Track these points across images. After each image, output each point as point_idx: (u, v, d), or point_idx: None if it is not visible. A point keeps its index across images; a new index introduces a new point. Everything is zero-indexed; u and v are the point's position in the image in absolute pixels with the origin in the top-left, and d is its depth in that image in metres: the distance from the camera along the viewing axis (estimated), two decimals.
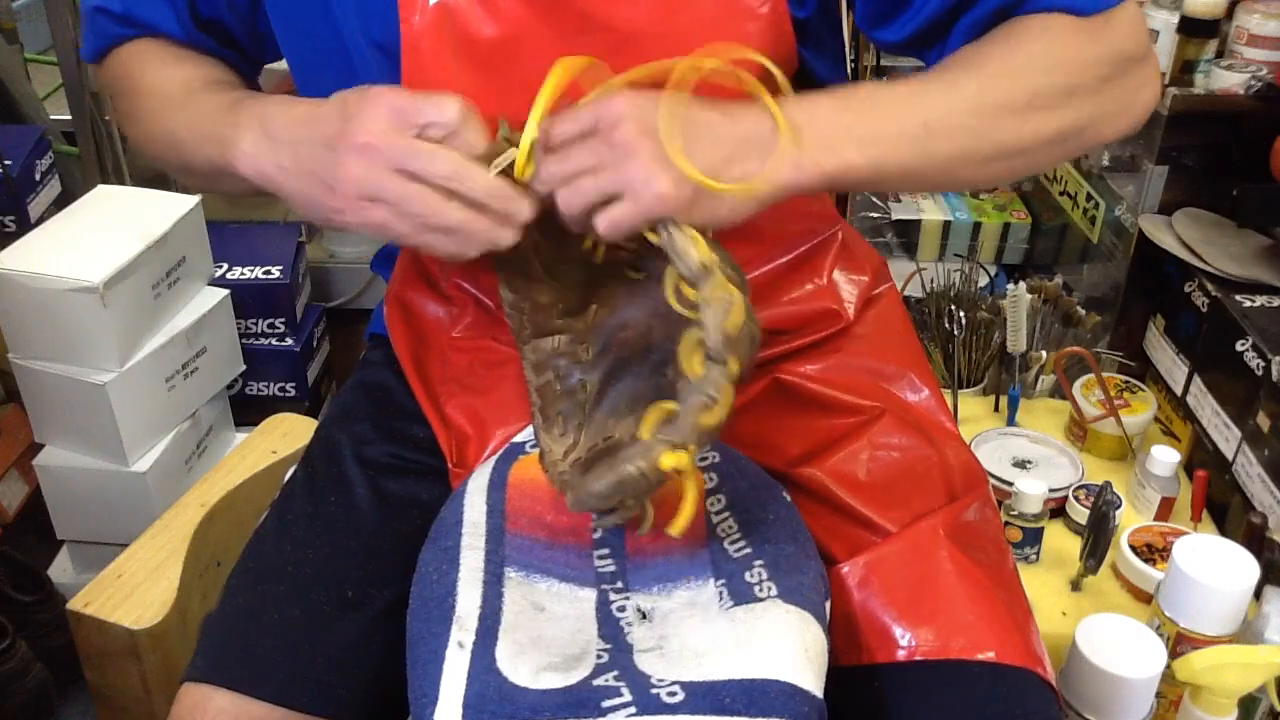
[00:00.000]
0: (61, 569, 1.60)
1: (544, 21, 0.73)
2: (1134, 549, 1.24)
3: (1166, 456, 1.31)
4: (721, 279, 0.62)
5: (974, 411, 1.55)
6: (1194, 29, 1.47)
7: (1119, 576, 1.26)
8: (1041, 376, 1.56)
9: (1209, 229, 1.49)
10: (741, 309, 0.62)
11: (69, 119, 1.94)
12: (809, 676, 0.64)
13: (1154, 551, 1.24)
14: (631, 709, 0.62)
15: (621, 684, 0.63)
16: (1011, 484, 1.27)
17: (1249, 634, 1.07)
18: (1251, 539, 1.20)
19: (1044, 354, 1.54)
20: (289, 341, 1.84)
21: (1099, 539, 1.21)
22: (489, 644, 0.65)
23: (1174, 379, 1.50)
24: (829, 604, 0.72)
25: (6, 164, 1.67)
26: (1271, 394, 1.25)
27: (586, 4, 0.72)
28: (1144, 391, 1.49)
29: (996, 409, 1.55)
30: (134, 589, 1.16)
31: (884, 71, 1.91)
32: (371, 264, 1.03)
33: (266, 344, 1.83)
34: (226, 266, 1.79)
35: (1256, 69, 1.47)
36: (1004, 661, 0.71)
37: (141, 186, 1.72)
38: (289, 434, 1.38)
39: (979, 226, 1.95)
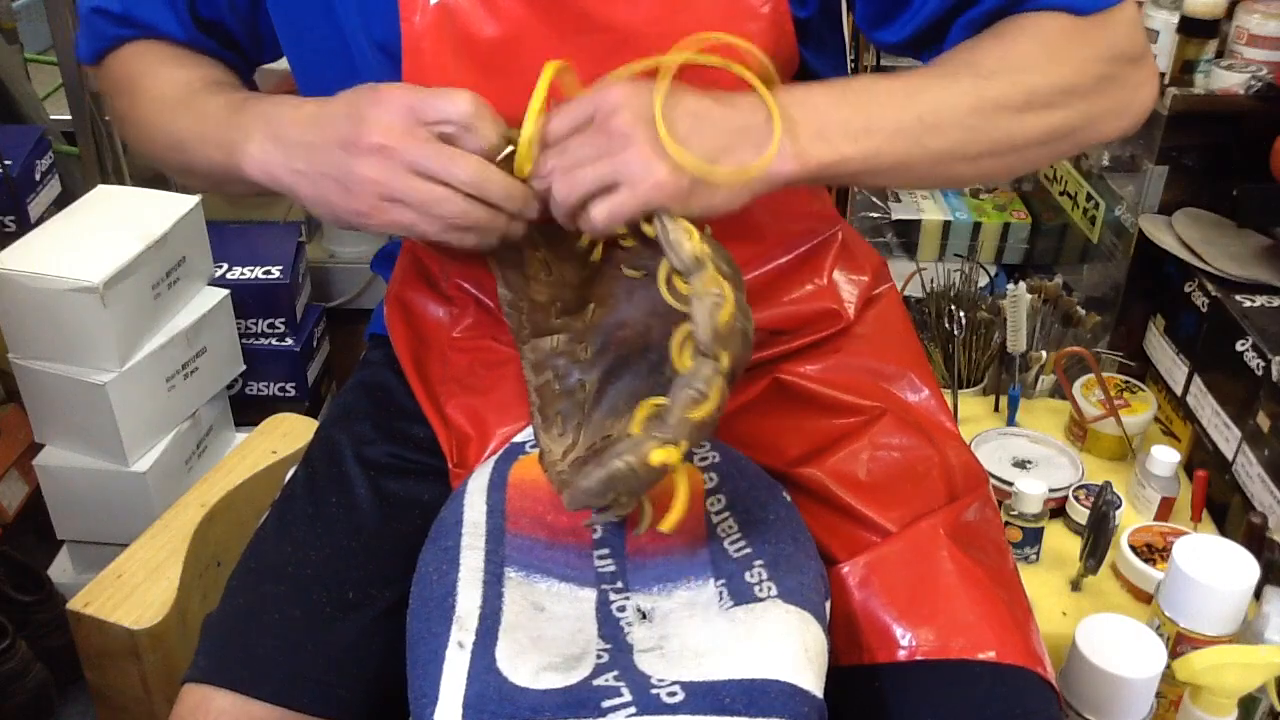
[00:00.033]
0: (61, 569, 1.60)
1: (544, 21, 0.73)
2: (1134, 549, 1.24)
3: (1166, 456, 1.31)
4: (713, 273, 0.62)
5: (974, 411, 1.54)
6: (1194, 29, 1.47)
7: (1119, 576, 1.26)
8: (1041, 376, 1.56)
9: (1209, 229, 1.49)
10: (733, 304, 0.61)
11: (69, 119, 1.94)
12: (809, 676, 0.64)
13: (1154, 551, 1.24)
14: (631, 709, 0.62)
15: (621, 684, 0.63)
16: (1011, 484, 1.27)
17: (1249, 634, 1.07)
18: (1251, 539, 1.20)
19: (1044, 354, 1.54)
20: (289, 341, 1.84)
21: (1099, 539, 1.21)
22: (489, 644, 0.65)
23: (1174, 379, 1.50)
24: (829, 604, 0.72)
25: (6, 164, 1.67)
26: (1271, 394, 1.25)
27: (587, 4, 0.72)
28: (1144, 391, 1.49)
29: (996, 409, 1.55)
30: (134, 589, 1.16)
31: (884, 71, 1.91)
32: (371, 264, 1.03)
33: (266, 344, 1.83)
34: (226, 266, 1.79)
35: (1256, 69, 1.47)
36: (1004, 661, 0.71)
37: (141, 186, 1.72)
38: (289, 434, 1.38)
39: (979, 226, 1.95)
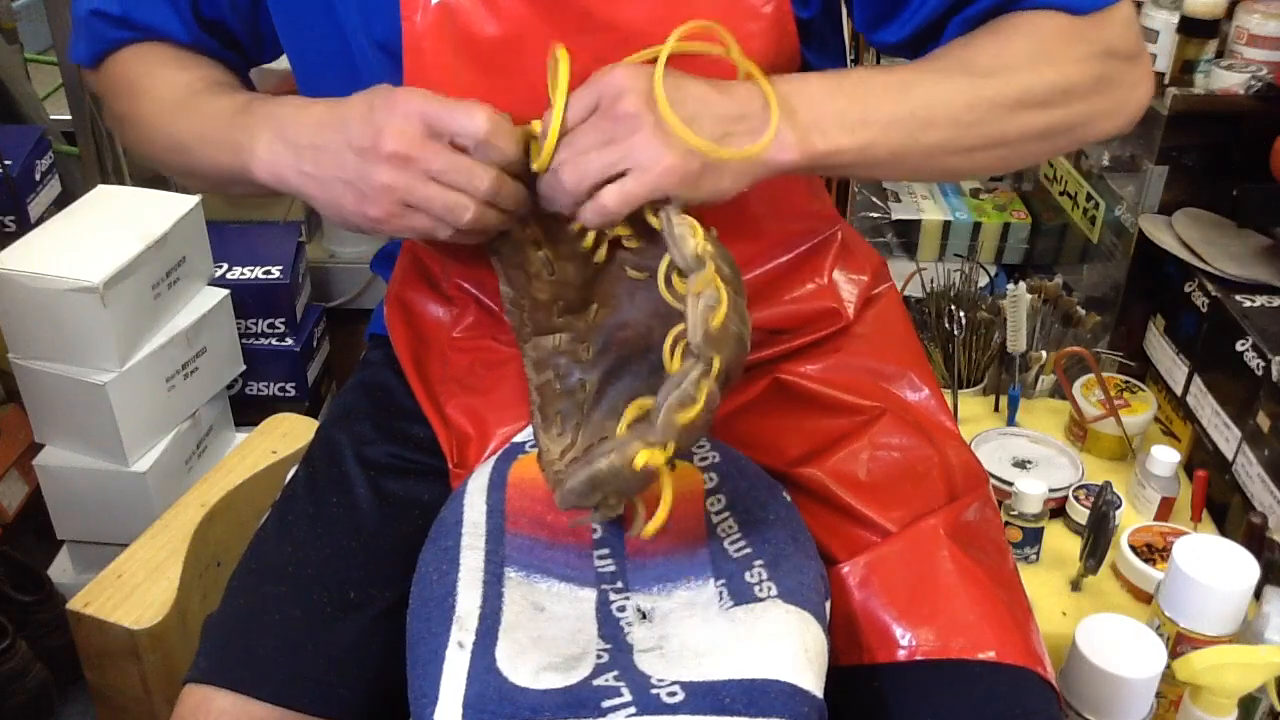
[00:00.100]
0: (61, 569, 1.60)
1: (546, 21, 0.73)
2: (1134, 549, 1.24)
3: (1166, 456, 1.31)
4: (712, 274, 0.61)
5: (974, 411, 1.54)
6: (1194, 29, 1.47)
7: (1119, 576, 1.26)
8: (1041, 376, 1.56)
9: (1209, 229, 1.49)
10: (727, 306, 0.61)
11: (69, 119, 1.94)
12: (809, 676, 0.64)
13: (1154, 551, 1.24)
14: (631, 709, 0.62)
15: (621, 684, 0.63)
16: (1011, 484, 1.26)
17: (1249, 634, 1.07)
18: (1251, 539, 1.19)
19: (1044, 354, 1.54)
20: (289, 341, 1.84)
21: (1099, 539, 1.21)
22: (489, 644, 0.65)
23: (1174, 379, 1.50)
24: (829, 604, 0.72)
25: (6, 164, 1.67)
26: (1271, 394, 1.25)
27: (589, 3, 0.72)
28: (1144, 391, 1.49)
29: (996, 409, 1.55)
30: (134, 589, 1.16)
31: None
32: (371, 264, 1.03)
33: (266, 344, 1.83)
34: (226, 266, 1.79)
35: (1256, 69, 1.47)
36: (1004, 661, 0.71)
37: (141, 186, 1.72)
38: (289, 434, 1.38)
39: (979, 226, 1.95)
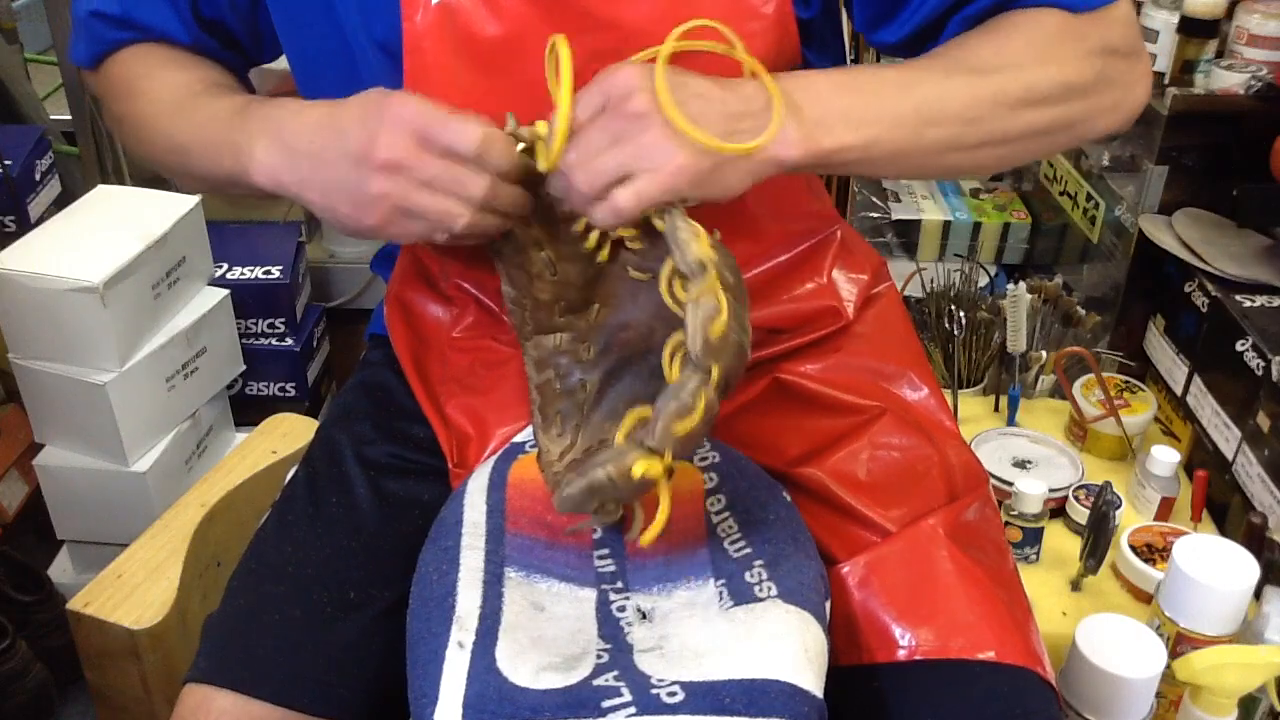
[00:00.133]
0: (61, 569, 1.60)
1: (546, 20, 0.73)
2: (1134, 549, 1.24)
3: (1166, 456, 1.31)
4: (714, 281, 0.61)
5: (974, 411, 1.54)
6: (1194, 29, 1.47)
7: (1119, 576, 1.26)
8: (1041, 376, 1.56)
9: (1209, 229, 1.49)
10: (728, 315, 0.60)
11: (69, 119, 1.94)
12: (809, 676, 0.64)
13: (1154, 551, 1.24)
14: (631, 709, 0.62)
15: (621, 684, 0.63)
16: (1011, 484, 1.26)
17: (1249, 634, 1.07)
18: (1251, 539, 1.19)
19: (1044, 354, 1.54)
20: (289, 341, 1.84)
21: (1099, 539, 1.21)
22: (489, 644, 0.65)
23: (1174, 379, 1.50)
24: (829, 604, 0.72)
25: (6, 164, 1.67)
26: (1271, 394, 1.25)
27: (589, 2, 0.72)
28: (1144, 391, 1.49)
29: (996, 409, 1.54)
30: (134, 589, 1.16)
31: None
32: (371, 264, 1.03)
33: (266, 344, 1.83)
34: (226, 266, 1.79)
35: (1256, 69, 1.47)
36: (1004, 661, 0.71)
37: (141, 186, 1.72)
38: (289, 434, 1.38)
39: (979, 226, 1.95)
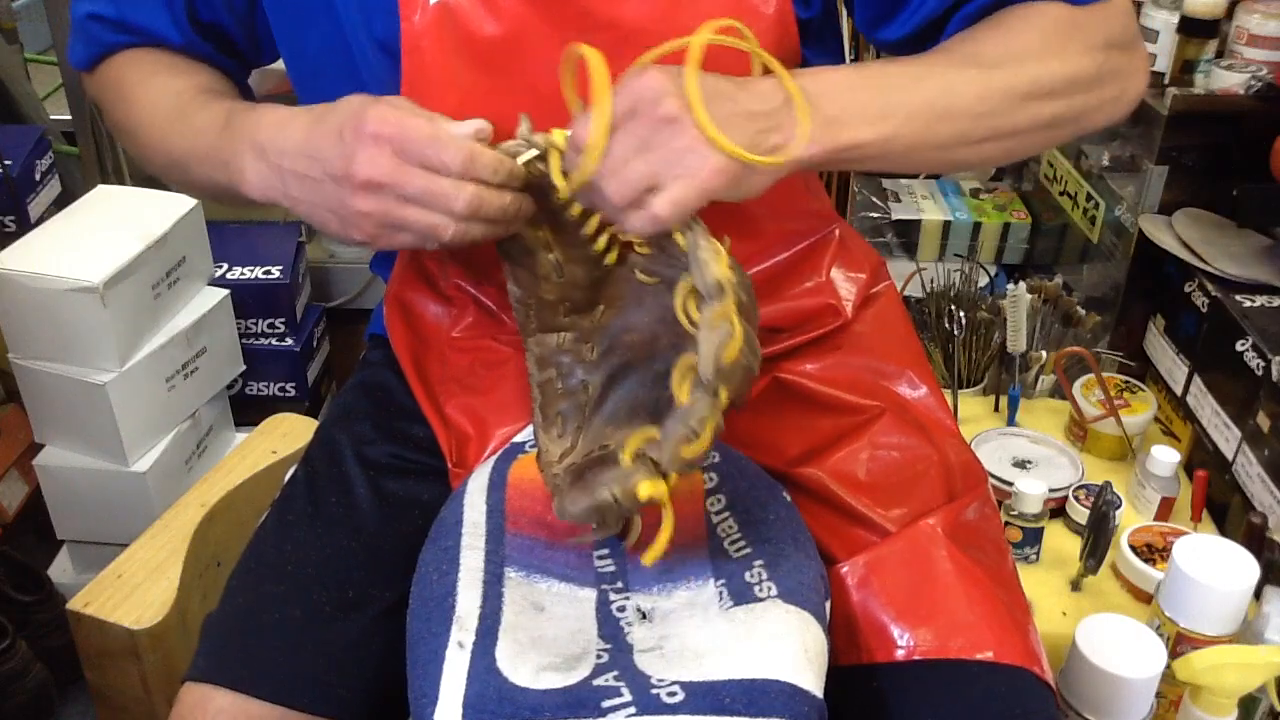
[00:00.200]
0: (61, 569, 1.60)
1: (546, 20, 0.73)
2: (1134, 549, 1.24)
3: (1166, 456, 1.31)
4: (730, 305, 0.61)
5: (974, 411, 1.54)
6: (1194, 29, 1.47)
7: (1119, 576, 1.25)
8: (1041, 376, 1.56)
9: (1209, 229, 1.49)
10: (741, 340, 0.60)
11: (69, 119, 1.95)
12: (809, 676, 0.64)
13: (1154, 551, 1.24)
14: (631, 709, 0.62)
15: (621, 684, 0.63)
16: (1011, 484, 1.26)
17: (1249, 634, 1.07)
18: (1251, 539, 1.19)
19: (1044, 354, 1.54)
20: (289, 341, 1.84)
21: (1099, 539, 1.21)
22: (489, 644, 0.65)
23: (1174, 379, 1.50)
24: (829, 604, 0.72)
25: (6, 164, 1.67)
26: (1271, 394, 1.25)
27: (589, 2, 0.72)
28: (1144, 391, 1.49)
29: (996, 409, 1.54)
30: (134, 589, 1.16)
31: None
32: (371, 264, 1.03)
33: (266, 344, 1.83)
34: (226, 266, 1.79)
35: (1256, 69, 1.47)
36: (1002, 661, 0.71)
37: (141, 186, 1.72)
38: (289, 434, 1.38)
39: (979, 226, 1.94)
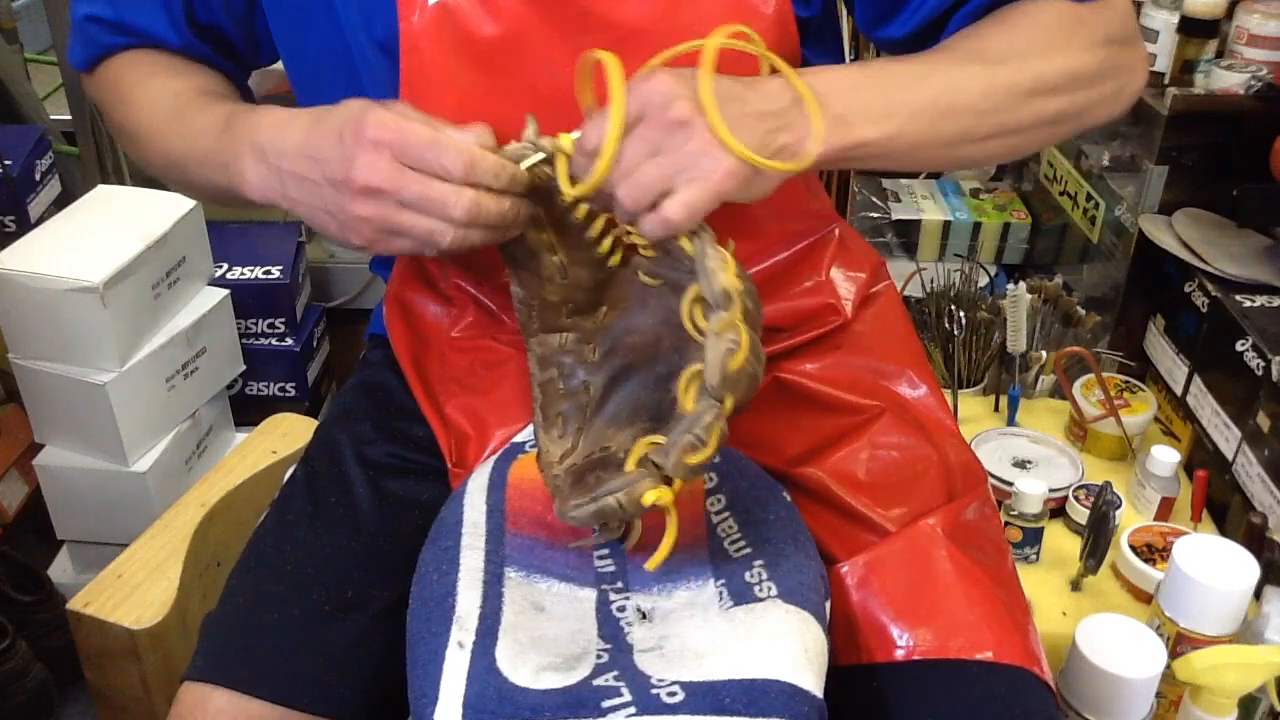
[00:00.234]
0: (61, 569, 1.60)
1: (545, 20, 0.73)
2: (1134, 549, 1.24)
3: (1166, 456, 1.31)
4: (738, 314, 0.61)
5: (974, 411, 1.54)
6: (1194, 29, 1.47)
7: (1119, 576, 1.25)
8: (1041, 376, 1.56)
9: (1209, 229, 1.49)
10: (747, 349, 0.60)
11: (69, 119, 1.95)
12: (809, 676, 0.64)
13: (1154, 551, 1.24)
14: (631, 709, 0.62)
15: (621, 684, 0.63)
16: (1011, 484, 1.26)
17: (1249, 634, 1.07)
18: (1251, 539, 1.19)
19: (1044, 354, 1.54)
20: (289, 341, 1.84)
21: (1099, 539, 1.21)
22: (489, 644, 0.65)
23: (1174, 379, 1.50)
24: (829, 604, 0.72)
25: (6, 164, 1.67)
26: (1271, 394, 1.25)
27: (588, 2, 0.72)
28: (1144, 391, 1.49)
29: (996, 409, 1.54)
30: (134, 589, 1.16)
31: None
32: (371, 264, 1.03)
33: (266, 344, 1.83)
34: (226, 266, 1.79)
35: (1256, 69, 1.47)
36: (1002, 661, 0.71)
37: (141, 186, 1.72)
38: (289, 434, 1.38)
39: (979, 226, 1.94)
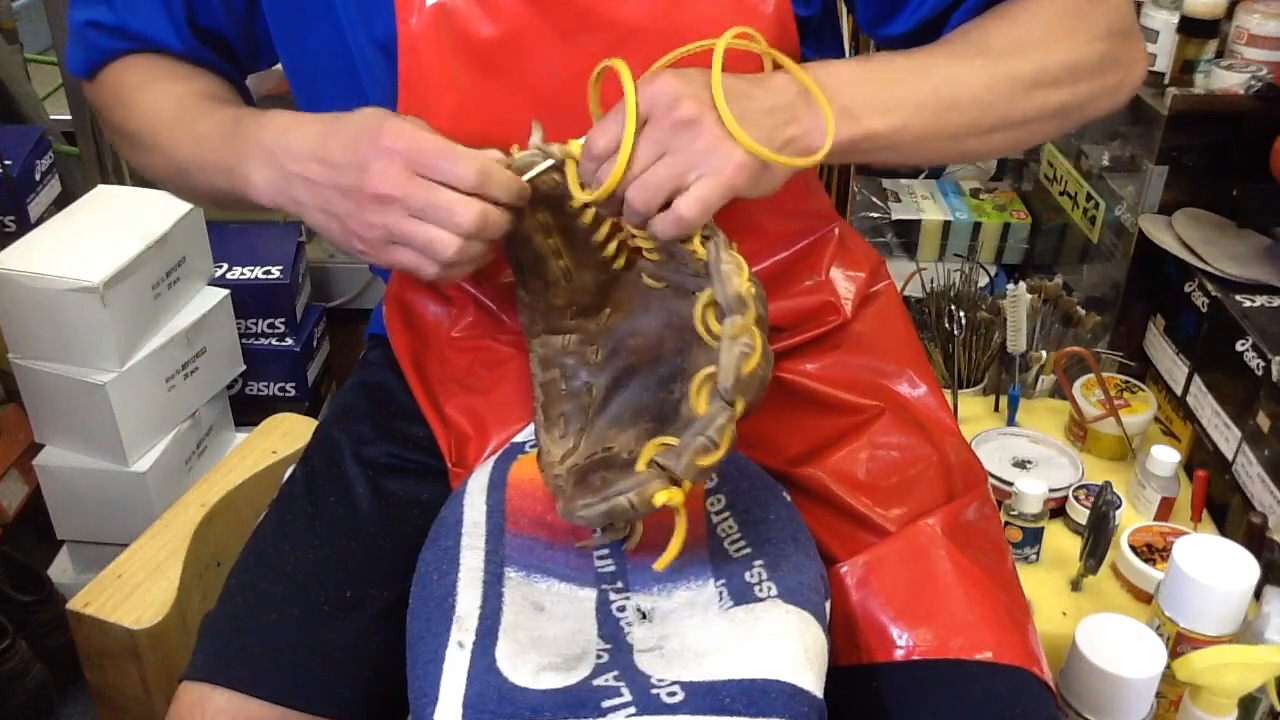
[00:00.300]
0: (61, 569, 1.60)
1: (544, 20, 0.73)
2: (1134, 549, 1.24)
3: (1166, 456, 1.31)
4: (751, 319, 0.61)
5: (974, 411, 1.54)
6: (1194, 29, 1.47)
7: (1119, 576, 1.25)
8: (1041, 376, 1.56)
9: (1209, 229, 1.49)
10: (760, 354, 0.61)
11: (69, 119, 1.95)
12: (809, 676, 0.64)
13: (1154, 551, 1.24)
14: (631, 709, 0.62)
15: (621, 684, 0.63)
16: (1011, 484, 1.26)
17: (1249, 634, 1.07)
18: (1251, 539, 1.19)
19: (1044, 354, 1.54)
20: (289, 341, 1.84)
21: (1099, 539, 1.21)
22: (489, 644, 0.65)
23: (1174, 379, 1.50)
24: (829, 604, 0.72)
25: (6, 164, 1.67)
26: (1271, 394, 1.25)
27: (587, 2, 0.72)
28: (1144, 391, 1.49)
29: (996, 409, 1.54)
30: (134, 589, 1.16)
31: None
32: (371, 264, 1.03)
33: (266, 344, 1.83)
34: (226, 266, 1.79)
35: (1256, 69, 1.47)
36: (1001, 661, 0.71)
37: (141, 186, 1.72)
38: (289, 434, 1.38)
39: (979, 226, 1.94)
